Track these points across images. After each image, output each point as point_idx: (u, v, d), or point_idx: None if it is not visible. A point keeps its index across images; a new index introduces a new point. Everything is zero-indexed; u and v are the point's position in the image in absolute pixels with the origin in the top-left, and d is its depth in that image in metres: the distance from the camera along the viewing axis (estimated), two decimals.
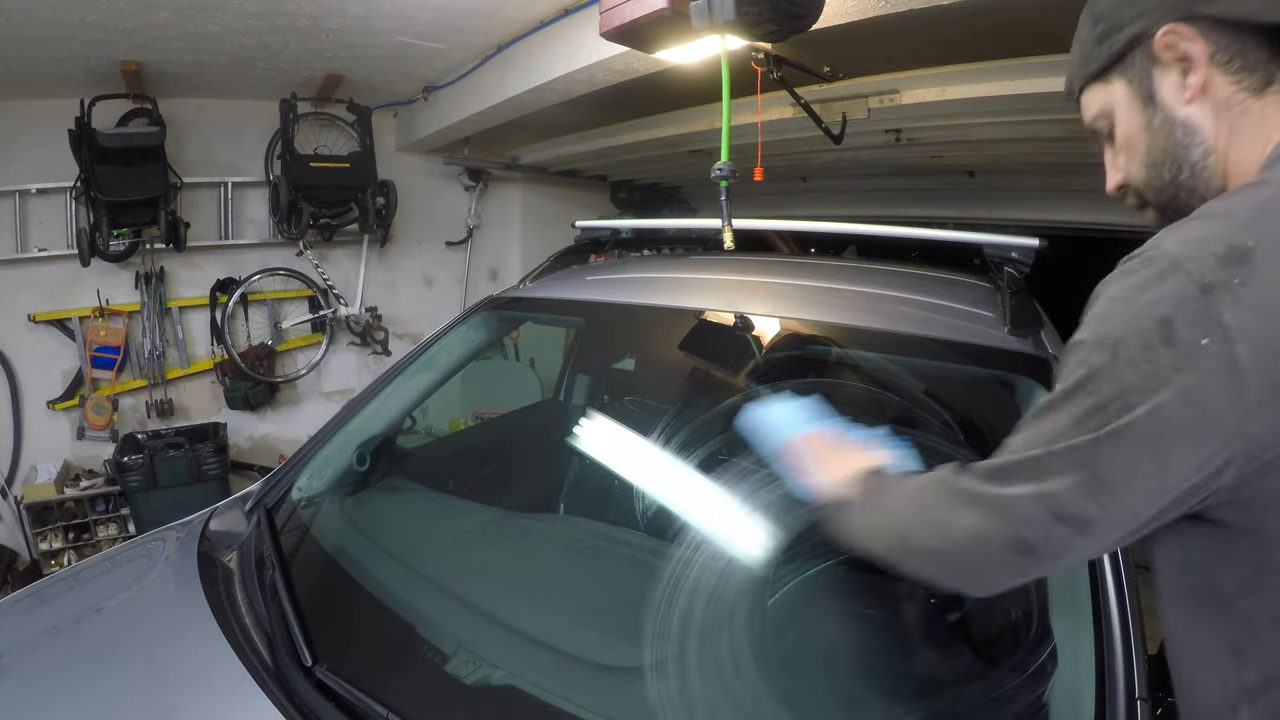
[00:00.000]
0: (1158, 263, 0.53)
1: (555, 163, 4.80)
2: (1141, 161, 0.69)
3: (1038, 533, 0.58)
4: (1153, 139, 0.67)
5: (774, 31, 1.61)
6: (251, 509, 1.49)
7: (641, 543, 1.33)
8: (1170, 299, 0.51)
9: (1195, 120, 0.64)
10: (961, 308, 1.44)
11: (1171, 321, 0.51)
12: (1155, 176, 0.69)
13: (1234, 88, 0.62)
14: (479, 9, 2.57)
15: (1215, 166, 0.65)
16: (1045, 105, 2.30)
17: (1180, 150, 0.66)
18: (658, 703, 1.03)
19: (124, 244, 3.56)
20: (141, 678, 1.04)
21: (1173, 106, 0.65)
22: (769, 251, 3.39)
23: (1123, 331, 0.54)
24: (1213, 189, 0.65)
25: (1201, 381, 0.49)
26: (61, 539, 3.52)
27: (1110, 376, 0.54)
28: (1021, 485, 0.58)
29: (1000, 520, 0.60)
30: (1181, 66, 0.64)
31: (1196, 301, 0.50)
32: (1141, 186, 0.71)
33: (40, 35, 2.63)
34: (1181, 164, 0.66)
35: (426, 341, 1.88)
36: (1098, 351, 0.55)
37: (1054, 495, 0.56)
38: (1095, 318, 0.57)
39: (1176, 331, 0.50)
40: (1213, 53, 0.62)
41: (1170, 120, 0.66)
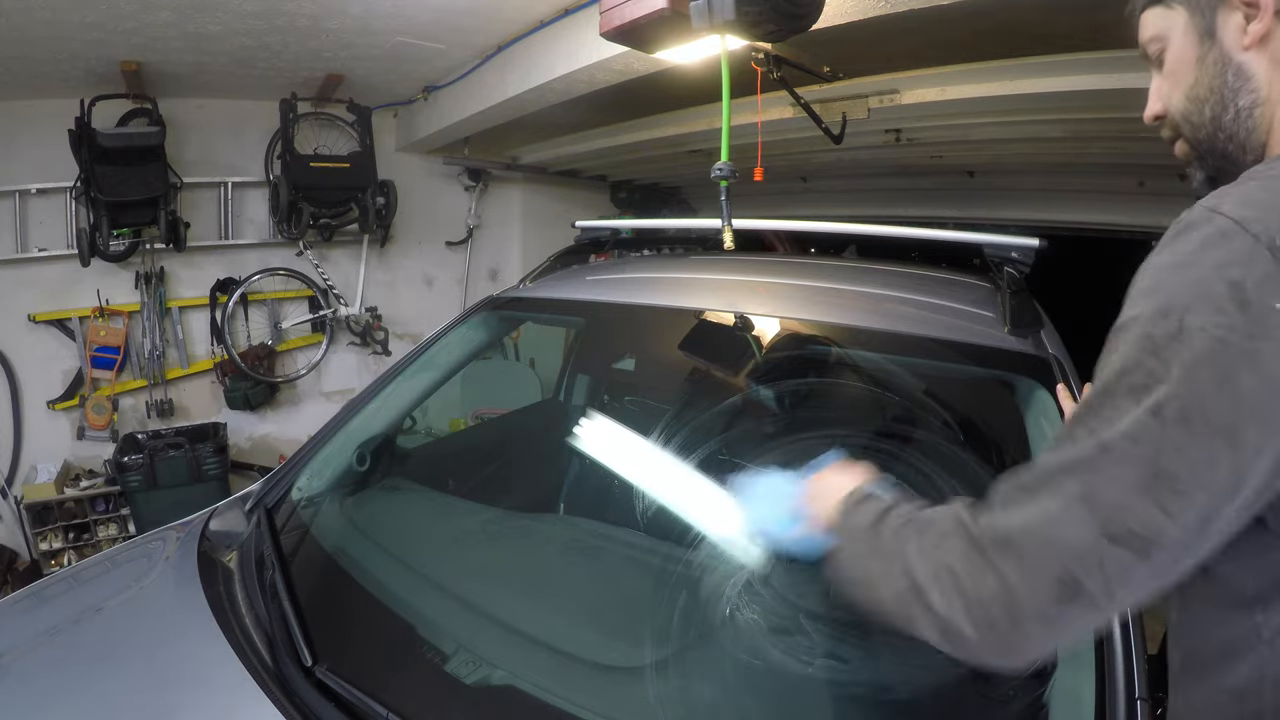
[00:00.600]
0: (1218, 224, 0.50)
1: (555, 163, 4.80)
2: (1185, 94, 0.68)
3: (1088, 563, 0.48)
4: (1201, 74, 0.66)
5: (774, 31, 1.61)
6: (251, 509, 1.49)
7: (641, 543, 1.33)
8: (1240, 261, 0.47)
9: (1250, 67, 0.63)
10: (961, 308, 1.44)
11: (1244, 284, 0.46)
12: (1195, 111, 0.67)
13: None
14: (479, 9, 2.57)
15: (1260, 118, 0.63)
16: (1045, 105, 2.31)
17: (1228, 92, 0.64)
18: (658, 703, 1.03)
19: (124, 244, 3.56)
20: (141, 678, 1.04)
21: (1230, 48, 0.64)
22: (767, 251, 3.39)
23: (1188, 297, 0.49)
24: (1254, 139, 0.64)
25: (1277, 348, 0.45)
26: (61, 539, 3.52)
27: (1178, 349, 0.48)
28: (1061, 497, 0.50)
29: (1033, 562, 0.50)
30: (1247, 11, 0.62)
31: (1269, 264, 0.46)
32: (1179, 119, 0.69)
33: (40, 35, 2.63)
34: (1227, 105, 0.64)
35: (426, 341, 1.88)
36: (1159, 323, 0.49)
37: (1108, 504, 0.48)
38: (1148, 289, 0.52)
39: (1249, 295, 0.46)
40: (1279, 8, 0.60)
41: (1224, 60, 0.64)
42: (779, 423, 1.51)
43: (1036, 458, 0.55)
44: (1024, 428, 1.18)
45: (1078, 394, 1.12)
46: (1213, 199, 0.53)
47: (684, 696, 1.05)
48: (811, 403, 1.48)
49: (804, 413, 1.50)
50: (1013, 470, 0.55)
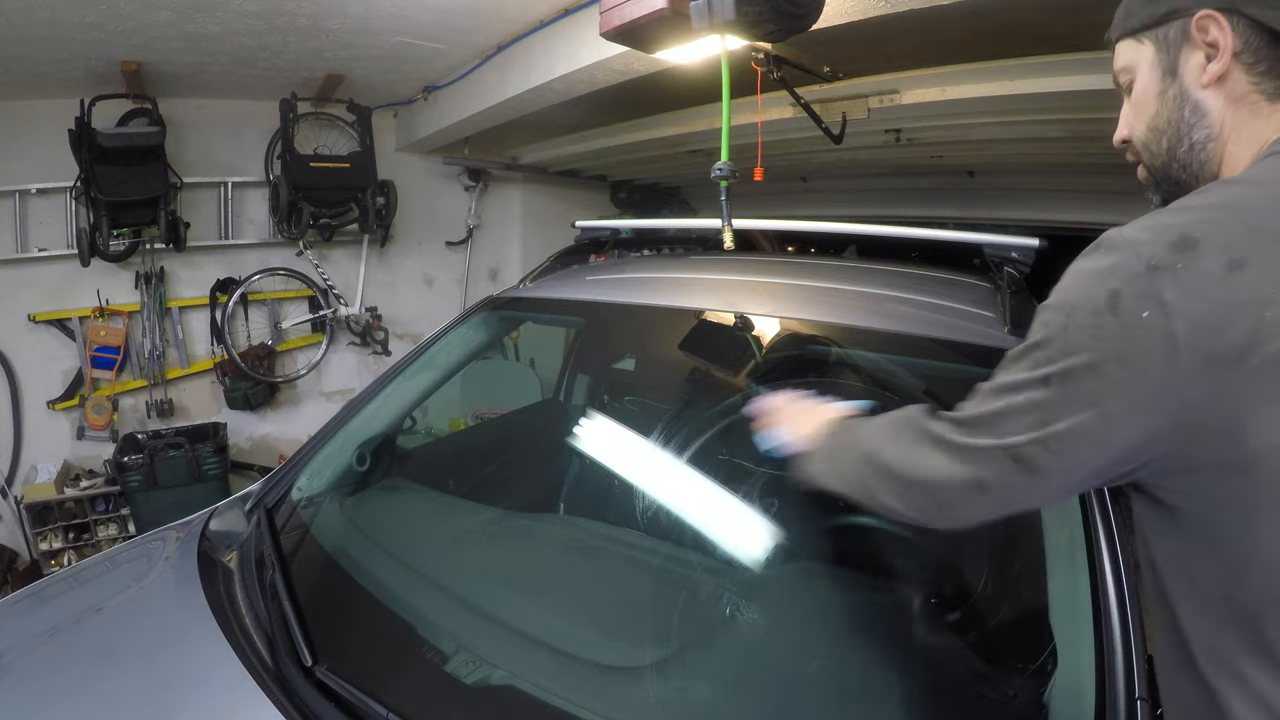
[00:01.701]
0: (1117, 243, 0.59)
1: (555, 163, 4.80)
2: (1146, 124, 0.73)
3: (996, 475, 0.64)
4: (1162, 107, 0.71)
5: (774, 31, 1.61)
6: (251, 509, 1.49)
7: (641, 543, 1.33)
8: (1121, 274, 0.57)
9: (1206, 105, 0.68)
10: (961, 308, 1.44)
11: (1119, 293, 0.56)
12: (1154, 141, 0.73)
13: (1251, 87, 0.66)
14: (479, 9, 2.57)
15: (1213, 152, 0.68)
16: (1045, 105, 2.31)
17: (1184, 126, 0.69)
18: (658, 703, 1.03)
19: (124, 244, 3.56)
20: (141, 678, 1.04)
21: (1189, 85, 0.68)
22: (754, 251, 3.39)
23: (1077, 299, 0.60)
24: (1206, 171, 0.69)
25: (1140, 348, 0.55)
26: (61, 539, 3.52)
27: (1063, 337, 0.60)
28: (985, 437, 0.65)
29: (965, 465, 0.66)
30: (1208, 51, 0.67)
31: (1143, 279, 0.55)
32: (1140, 146, 0.75)
33: (40, 35, 2.63)
34: (1182, 139, 0.70)
35: (426, 341, 1.88)
36: (1056, 314, 0.61)
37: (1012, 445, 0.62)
38: (1059, 287, 0.63)
39: (1122, 303, 0.56)
40: (1240, 49, 0.65)
41: (1183, 96, 0.69)
42: None
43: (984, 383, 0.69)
44: None
45: None
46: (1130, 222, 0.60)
47: (684, 696, 1.05)
48: None
49: None
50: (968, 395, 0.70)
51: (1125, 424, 0.57)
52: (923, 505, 0.71)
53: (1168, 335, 0.54)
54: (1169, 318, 0.54)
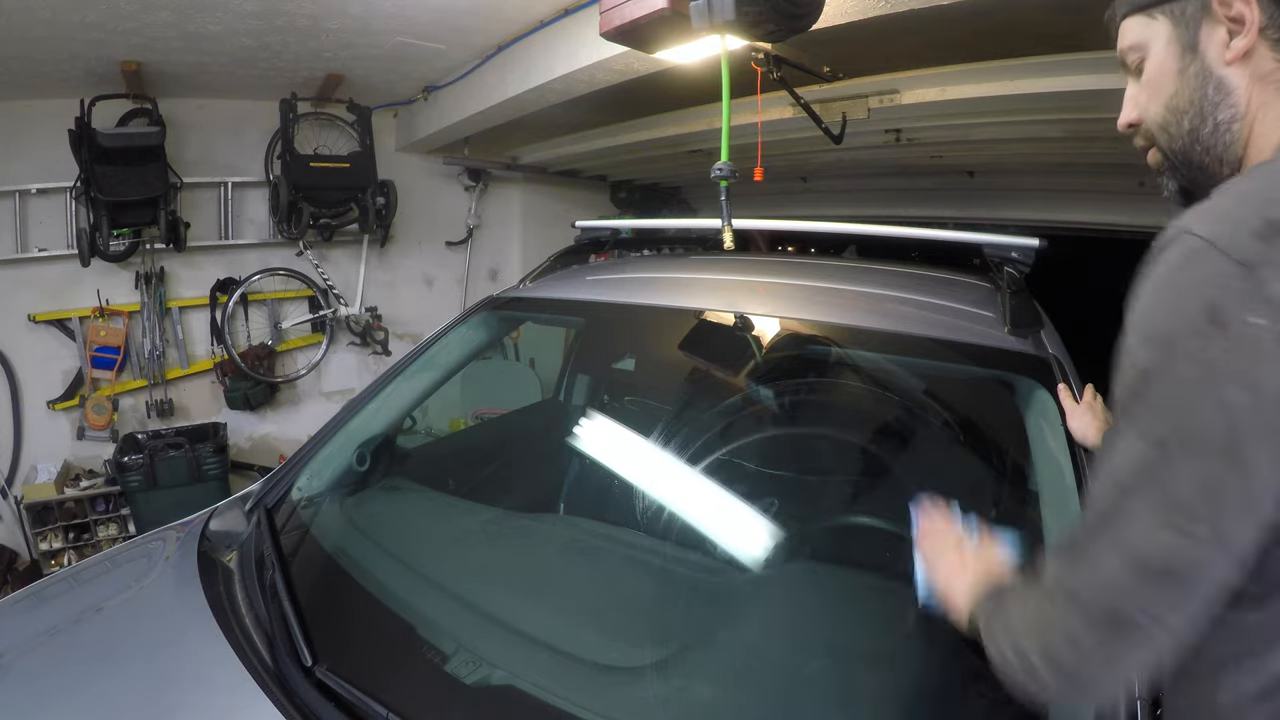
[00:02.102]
0: (1193, 246, 0.50)
1: (555, 163, 4.80)
2: (1164, 104, 0.68)
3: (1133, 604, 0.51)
4: (1182, 86, 0.67)
5: (774, 31, 1.61)
6: (251, 509, 1.49)
7: (641, 543, 1.33)
8: (1213, 281, 0.48)
9: (1231, 82, 0.64)
10: (961, 308, 1.44)
11: (1218, 304, 0.47)
12: (1173, 122, 0.68)
13: (1277, 64, 0.62)
14: (479, 9, 2.57)
15: (1239, 133, 0.64)
16: (1045, 105, 2.30)
17: (1208, 106, 0.65)
18: (658, 703, 1.03)
19: (124, 244, 3.56)
20: (141, 678, 1.04)
21: (1212, 61, 0.64)
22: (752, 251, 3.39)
23: (1170, 324, 0.50)
24: (1231, 153, 0.65)
25: (1263, 363, 0.46)
26: (61, 539, 3.52)
27: (1166, 377, 0.49)
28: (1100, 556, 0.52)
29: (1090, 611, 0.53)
30: (1231, 26, 0.63)
31: (1239, 279, 0.47)
32: (1155, 128, 0.70)
33: (40, 35, 2.63)
34: (1206, 119, 0.65)
35: (426, 341, 1.88)
36: (1146, 350, 0.51)
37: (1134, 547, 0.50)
38: (1137, 317, 0.54)
39: (1226, 314, 0.47)
40: (1265, 25, 0.61)
41: (1205, 73, 0.65)
42: (779, 423, 1.51)
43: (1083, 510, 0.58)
44: (1024, 428, 1.18)
45: (1078, 394, 1.12)
46: (1185, 217, 0.53)
47: (684, 696, 1.05)
48: (811, 403, 1.48)
49: (804, 413, 1.50)
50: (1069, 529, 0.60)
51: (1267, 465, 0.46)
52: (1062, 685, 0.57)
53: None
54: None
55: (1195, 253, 0.50)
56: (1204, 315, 0.48)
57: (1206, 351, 0.47)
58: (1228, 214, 0.51)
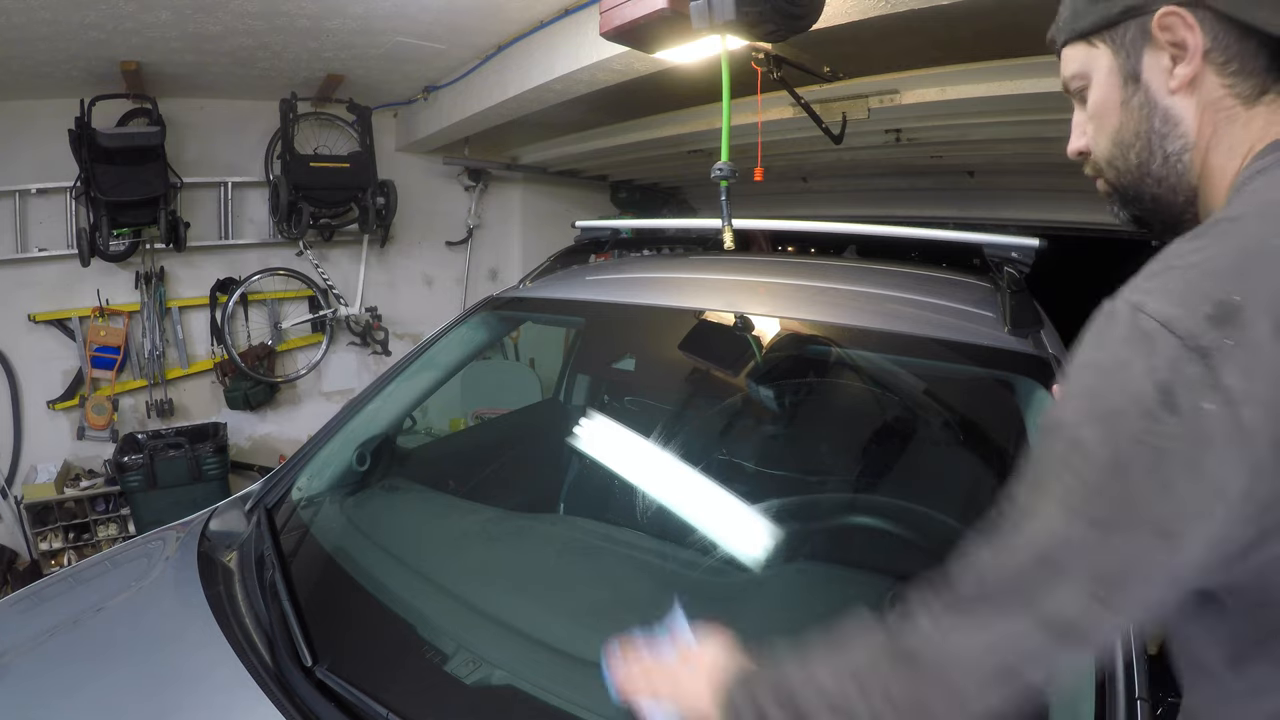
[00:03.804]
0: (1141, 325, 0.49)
1: (555, 163, 4.80)
2: (1110, 138, 0.65)
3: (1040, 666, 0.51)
4: (1127, 118, 0.63)
5: (774, 31, 1.61)
6: (251, 509, 1.49)
7: (641, 543, 1.33)
8: (1166, 364, 0.47)
9: (1177, 112, 0.60)
10: (961, 308, 1.44)
11: (1172, 388, 0.46)
12: (1120, 157, 0.65)
13: (1225, 91, 0.59)
14: (479, 9, 2.57)
15: (1191, 164, 0.61)
16: (1045, 105, 2.30)
17: (1155, 138, 0.62)
18: None
19: (124, 244, 3.56)
20: (141, 678, 1.04)
21: (1156, 91, 0.61)
22: (751, 248, 3.39)
23: (1118, 403, 0.48)
24: (1184, 183, 0.62)
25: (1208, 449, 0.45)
26: (61, 539, 3.52)
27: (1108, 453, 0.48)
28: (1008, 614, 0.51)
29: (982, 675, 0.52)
30: (1174, 53, 0.59)
31: (1193, 364, 0.46)
32: (1103, 163, 0.67)
33: (40, 35, 2.63)
34: (1154, 152, 0.62)
35: (426, 341, 1.88)
36: (1089, 426, 0.49)
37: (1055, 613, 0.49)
38: (1077, 393, 0.52)
39: (1178, 398, 0.46)
40: (1209, 49, 0.57)
41: (1150, 104, 0.61)
42: (779, 423, 1.51)
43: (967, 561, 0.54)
44: (1024, 428, 1.18)
45: None
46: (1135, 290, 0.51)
47: None
48: (811, 403, 1.48)
49: (804, 413, 1.50)
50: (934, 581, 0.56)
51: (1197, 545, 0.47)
52: None
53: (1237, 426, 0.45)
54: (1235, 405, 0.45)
55: (1148, 335, 0.48)
56: (1156, 399, 0.46)
57: (1157, 435, 0.46)
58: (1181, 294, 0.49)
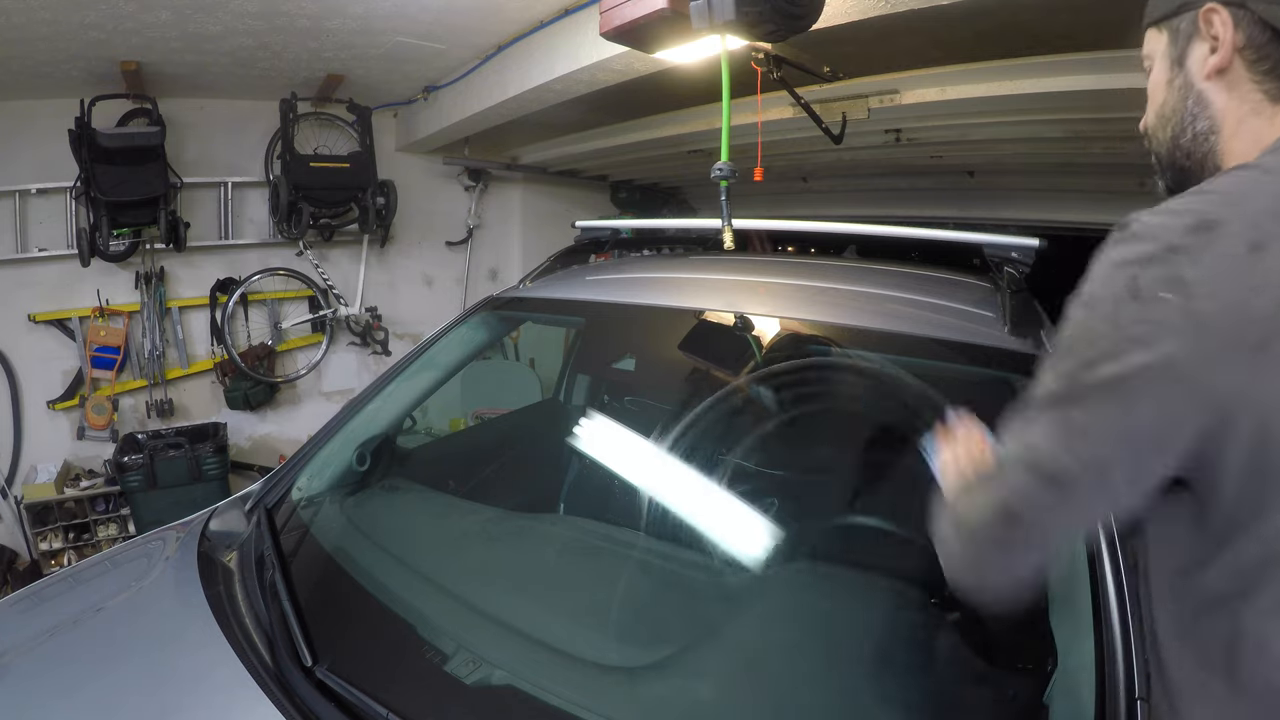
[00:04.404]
0: (1135, 231, 0.59)
1: (555, 163, 4.80)
2: (1156, 111, 0.75)
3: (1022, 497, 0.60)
4: (1169, 96, 0.72)
5: (774, 31, 1.61)
6: (251, 509, 1.49)
7: (641, 543, 1.33)
8: (1139, 259, 0.56)
9: (1209, 96, 0.68)
10: (961, 308, 1.44)
11: (1138, 278, 0.55)
12: (1160, 129, 0.74)
13: (1253, 85, 0.65)
14: (479, 9, 2.57)
15: (1215, 145, 0.69)
16: (1045, 105, 2.30)
17: (1187, 116, 0.70)
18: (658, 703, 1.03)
19: (124, 244, 3.56)
20: (141, 678, 1.04)
21: (1194, 76, 0.69)
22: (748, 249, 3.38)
23: (1098, 289, 0.59)
24: (1210, 161, 0.70)
25: (1160, 329, 0.53)
26: (61, 539, 3.52)
27: (1084, 329, 0.59)
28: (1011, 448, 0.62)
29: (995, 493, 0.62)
30: (1212, 44, 0.67)
31: (1160, 261, 0.54)
32: (1150, 133, 0.77)
33: (40, 35, 2.63)
34: (1185, 128, 0.70)
35: (426, 341, 1.88)
36: (1078, 309, 0.61)
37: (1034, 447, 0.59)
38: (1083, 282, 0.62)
39: (1141, 287, 0.55)
40: (1243, 45, 0.65)
41: (1188, 86, 0.70)
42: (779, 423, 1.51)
43: None
44: None
45: None
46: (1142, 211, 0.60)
47: (684, 696, 1.05)
48: (811, 403, 1.48)
49: (804, 413, 1.50)
50: None
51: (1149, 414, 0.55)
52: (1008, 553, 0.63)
53: (1190, 314, 0.52)
54: (1190, 298, 0.52)
55: (1134, 235, 0.58)
56: (1125, 286, 0.56)
57: (1120, 315, 0.56)
58: (1175, 208, 0.58)
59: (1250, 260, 0.52)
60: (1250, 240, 0.52)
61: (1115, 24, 0.80)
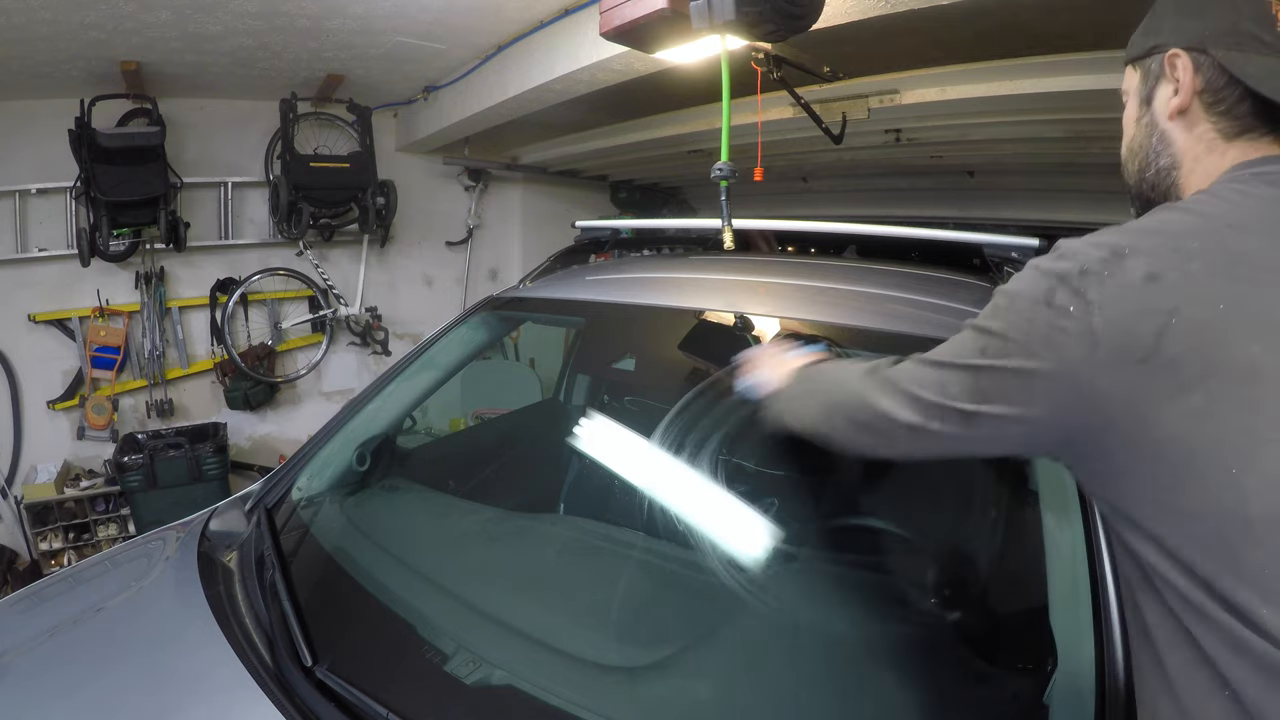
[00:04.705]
0: (1066, 251, 0.67)
1: (555, 163, 4.80)
2: (1126, 146, 0.82)
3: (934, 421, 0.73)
4: (1137, 132, 0.79)
5: (774, 31, 1.61)
6: (251, 509, 1.49)
7: (641, 543, 1.33)
8: (1060, 274, 0.65)
9: (1171, 136, 0.74)
10: (962, 308, 1.44)
11: (1054, 289, 0.64)
12: (1130, 161, 0.81)
13: (1209, 125, 0.71)
14: (479, 9, 2.57)
15: (1176, 179, 0.75)
16: (1045, 105, 2.31)
17: (1151, 153, 0.77)
18: (658, 703, 1.03)
19: (124, 244, 3.56)
20: (141, 678, 1.04)
21: (1159, 115, 0.75)
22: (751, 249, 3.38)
23: (1022, 290, 0.68)
24: (1171, 195, 0.76)
25: (1063, 336, 0.63)
26: (61, 539, 3.52)
27: (1005, 319, 0.68)
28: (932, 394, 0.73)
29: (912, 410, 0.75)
30: (1175, 86, 0.72)
31: (1075, 279, 0.63)
32: (1122, 164, 0.84)
33: (40, 35, 2.63)
34: (1150, 163, 0.77)
35: (426, 341, 1.88)
36: (1003, 299, 0.70)
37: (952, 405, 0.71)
38: (1015, 278, 0.71)
39: (1056, 297, 0.64)
40: (1201, 88, 0.70)
41: (1154, 125, 0.76)
42: None
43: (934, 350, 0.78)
44: None
45: None
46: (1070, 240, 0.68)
47: (684, 696, 1.05)
48: None
49: None
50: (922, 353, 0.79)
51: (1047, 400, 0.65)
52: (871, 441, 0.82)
53: (1088, 328, 0.61)
54: (1090, 314, 0.61)
55: (1063, 254, 0.67)
56: (1043, 294, 0.65)
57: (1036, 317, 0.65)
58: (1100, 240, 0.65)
59: (1143, 288, 0.60)
60: (1148, 271, 0.60)
61: (1115, 24, 0.80)
